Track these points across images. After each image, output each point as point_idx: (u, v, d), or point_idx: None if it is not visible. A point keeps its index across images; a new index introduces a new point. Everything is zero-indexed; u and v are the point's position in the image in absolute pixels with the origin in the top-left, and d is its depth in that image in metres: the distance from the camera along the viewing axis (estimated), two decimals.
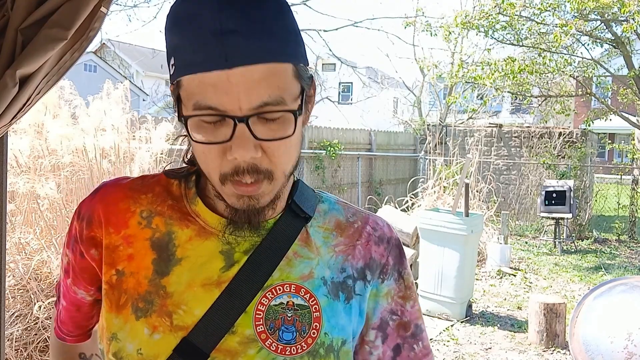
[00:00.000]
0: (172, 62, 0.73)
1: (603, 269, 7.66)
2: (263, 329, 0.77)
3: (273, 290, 0.79)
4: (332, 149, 9.78)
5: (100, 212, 0.83)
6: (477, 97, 15.10)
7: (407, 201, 8.49)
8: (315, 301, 0.80)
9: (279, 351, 0.77)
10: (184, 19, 0.71)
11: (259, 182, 0.73)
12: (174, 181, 0.87)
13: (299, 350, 0.78)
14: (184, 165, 0.88)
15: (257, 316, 0.78)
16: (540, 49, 9.72)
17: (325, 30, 12.85)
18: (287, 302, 0.79)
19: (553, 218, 8.94)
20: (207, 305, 0.77)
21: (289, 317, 0.79)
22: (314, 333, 0.79)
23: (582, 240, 9.75)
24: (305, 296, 0.80)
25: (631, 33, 8.83)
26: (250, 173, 0.72)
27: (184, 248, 0.81)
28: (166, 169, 0.89)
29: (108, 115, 4.44)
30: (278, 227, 0.82)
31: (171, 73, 0.74)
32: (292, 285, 0.80)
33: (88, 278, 0.87)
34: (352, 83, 23.71)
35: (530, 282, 6.92)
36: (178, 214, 0.83)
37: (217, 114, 0.70)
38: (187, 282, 0.79)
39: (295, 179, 0.88)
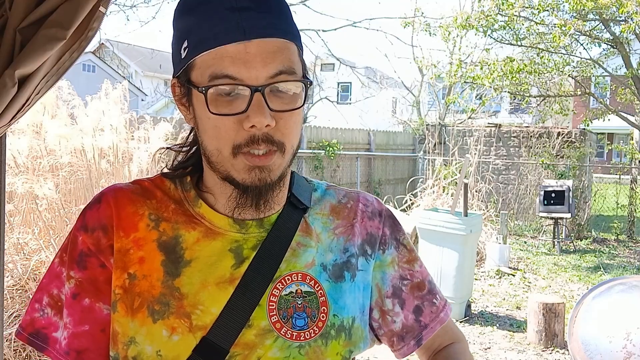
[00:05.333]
0: (184, 45, 0.76)
1: (602, 269, 7.67)
2: (277, 319, 0.80)
3: (282, 281, 0.82)
4: (331, 149, 9.78)
5: (112, 217, 0.83)
6: (475, 97, 15.08)
7: (406, 201, 8.49)
8: (319, 287, 0.84)
9: (293, 338, 0.80)
10: (197, 1, 0.76)
11: (272, 154, 0.76)
12: (169, 184, 0.87)
13: (312, 335, 0.81)
14: (177, 164, 0.89)
15: (270, 307, 0.81)
16: (539, 48, 9.73)
17: (324, 30, 12.86)
18: (296, 290, 0.82)
19: (552, 218, 8.93)
20: (222, 303, 0.79)
21: (299, 304, 0.82)
22: (323, 317, 0.83)
23: (580, 240, 9.75)
24: (310, 283, 0.84)
25: (629, 33, 8.84)
26: (265, 142, 0.75)
27: (193, 250, 0.82)
28: (163, 171, 0.90)
29: (106, 115, 4.44)
30: (280, 220, 0.85)
31: (183, 57, 0.77)
32: (299, 274, 0.83)
33: (110, 290, 0.83)
34: (351, 83, 23.67)
35: (529, 282, 6.92)
36: (183, 218, 0.84)
37: (234, 82, 0.73)
38: (200, 282, 0.80)
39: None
